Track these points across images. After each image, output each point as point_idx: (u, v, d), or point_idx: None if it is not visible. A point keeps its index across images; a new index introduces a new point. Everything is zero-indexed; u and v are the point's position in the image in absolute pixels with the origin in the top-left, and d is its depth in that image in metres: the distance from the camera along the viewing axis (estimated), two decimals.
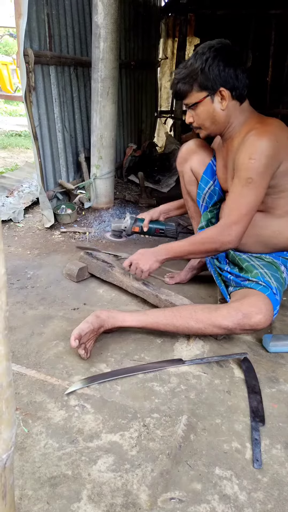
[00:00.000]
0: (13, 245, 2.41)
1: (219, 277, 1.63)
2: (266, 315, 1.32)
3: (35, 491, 0.94)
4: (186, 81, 1.41)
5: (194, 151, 1.72)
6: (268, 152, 1.31)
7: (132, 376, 1.31)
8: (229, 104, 1.40)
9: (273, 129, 1.34)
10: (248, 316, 1.31)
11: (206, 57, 1.35)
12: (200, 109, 1.43)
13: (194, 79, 1.39)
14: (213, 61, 1.34)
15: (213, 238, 1.42)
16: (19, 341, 1.47)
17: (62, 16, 2.82)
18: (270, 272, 1.45)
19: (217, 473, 1.01)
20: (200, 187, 1.70)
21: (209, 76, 1.36)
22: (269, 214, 1.49)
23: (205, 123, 1.46)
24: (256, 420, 1.16)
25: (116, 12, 2.56)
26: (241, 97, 1.41)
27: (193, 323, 1.38)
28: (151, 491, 0.95)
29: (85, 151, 3.18)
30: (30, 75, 2.44)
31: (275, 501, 0.94)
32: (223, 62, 1.34)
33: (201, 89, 1.39)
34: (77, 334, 1.33)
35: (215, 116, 1.43)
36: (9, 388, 0.53)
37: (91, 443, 1.07)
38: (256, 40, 4.65)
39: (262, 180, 1.34)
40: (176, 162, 1.81)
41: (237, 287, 1.50)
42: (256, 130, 1.34)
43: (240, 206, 1.37)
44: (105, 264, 1.88)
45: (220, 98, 1.39)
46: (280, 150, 1.33)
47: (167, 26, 4.98)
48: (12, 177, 3.72)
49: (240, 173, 1.36)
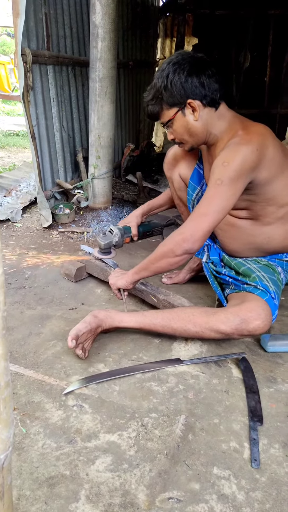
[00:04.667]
0: (11, 244, 2.41)
1: (215, 280, 1.62)
2: (265, 321, 1.30)
3: (33, 491, 0.93)
4: (154, 102, 1.39)
5: (181, 156, 1.68)
6: (244, 159, 1.27)
7: (130, 376, 1.31)
8: (202, 114, 1.35)
9: (256, 137, 1.30)
10: (247, 321, 1.30)
11: (166, 73, 1.32)
12: (176, 125, 1.40)
13: (160, 99, 1.36)
14: (174, 75, 1.30)
15: (170, 239, 1.36)
16: (17, 341, 1.47)
17: (60, 16, 2.82)
18: (267, 275, 1.44)
19: (215, 472, 1.01)
20: (189, 194, 1.68)
21: (173, 92, 1.32)
22: (258, 222, 1.48)
23: (184, 137, 1.42)
24: (254, 420, 1.16)
25: (114, 12, 2.56)
26: (214, 102, 1.35)
27: (191, 327, 1.37)
28: (149, 491, 0.95)
29: (83, 151, 3.18)
30: (28, 75, 2.44)
31: (273, 501, 0.94)
32: (183, 74, 1.30)
33: (170, 106, 1.36)
34: (74, 335, 1.32)
35: (190, 129, 1.38)
36: (7, 388, 0.52)
37: (89, 443, 1.07)
38: (254, 40, 4.66)
39: (231, 185, 1.28)
40: (164, 168, 1.77)
41: (235, 289, 1.49)
42: (238, 138, 1.30)
43: (204, 206, 1.31)
44: (103, 264, 1.88)
45: (191, 110, 1.35)
46: (261, 158, 1.29)
47: (165, 26, 4.98)
48: (10, 177, 3.72)
49: (211, 176, 1.32)
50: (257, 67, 4.66)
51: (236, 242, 1.54)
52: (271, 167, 1.34)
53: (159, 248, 1.40)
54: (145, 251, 2.36)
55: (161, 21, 4.89)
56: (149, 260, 1.43)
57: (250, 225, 1.49)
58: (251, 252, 1.55)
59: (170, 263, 1.38)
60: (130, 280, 1.52)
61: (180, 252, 1.34)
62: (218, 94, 1.34)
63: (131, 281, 1.52)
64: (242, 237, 1.52)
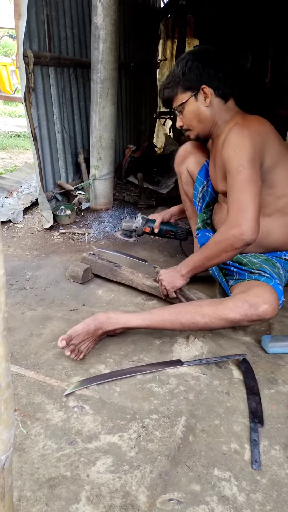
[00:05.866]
0: (12, 246, 2.41)
1: (220, 271, 1.64)
2: (273, 305, 1.30)
3: (34, 493, 0.93)
4: (170, 86, 1.49)
5: (190, 152, 1.75)
6: (252, 141, 1.33)
7: (131, 377, 1.31)
8: (212, 101, 1.45)
9: (254, 123, 1.38)
10: (255, 306, 1.29)
11: (185, 60, 1.44)
12: (186, 109, 1.49)
13: (177, 83, 1.47)
14: (193, 62, 1.43)
15: (225, 234, 1.36)
16: (18, 342, 1.47)
17: (62, 17, 2.82)
18: (269, 267, 1.46)
19: (216, 474, 1.00)
20: (195, 188, 1.73)
21: (190, 76, 1.44)
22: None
23: (192, 123, 1.51)
24: (255, 421, 1.16)
25: (115, 14, 2.57)
26: (225, 95, 1.46)
27: (199, 318, 1.36)
28: (150, 492, 0.95)
29: (84, 152, 3.19)
30: (30, 76, 2.44)
31: (274, 502, 0.94)
32: (202, 63, 1.43)
33: (185, 90, 1.47)
34: (66, 336, 1.33)
35: (200, 114, 1.48)
36: (8, 389, 0.53)
37: (90, 444, 1.07)
38: (255, 42, 4.66)
39: (253, 167, 1.32)
40: (174, 163, 1.84)
41: (239, 279, 1.50)
42: (237, 125, 1.39)
43: (239, 196, 1.32)
44: (112, 264, 1.89)
45: (203, 96, 1.45)
46: (264, 142, 1.36)
47: (166, 28, 4.99)
48: (11, 178, 3.72)
49: (229, 167, 1.35)
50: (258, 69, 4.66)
51: None
52: (273, 154, 1.39)
53: (214, 246, 1.41)
54: (144, 251, 2.36)
55: (162, 22, 4.90)
56: (205, 257, 1.45)
57: None
58: (251, 247, 1.55)
59: (229, 256, 1.41)
60: (186, 279, 1.56)
61: (241, 245, 1.34)
62: (230, 90, 1.46)
63: (186, 279, 1.56)
64: None
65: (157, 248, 2.44)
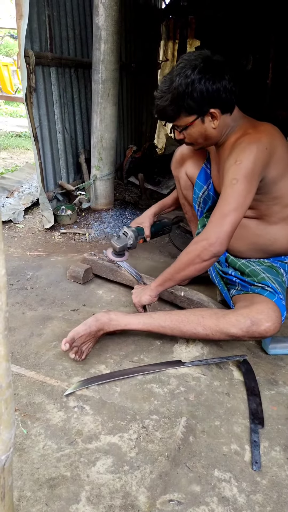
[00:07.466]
0: (13, 246, 2.41)
1: (221, 280, 1.62)
2: (275, 323, 1.29)
3: (34, 493, 0.93)
4: (172, 108, 1.33)
5: (188, 155, 1.70)
6: (256, 157, 1.28)
7: (131, 377, 1.31)
8: (220, 120, 1.35)
9: (266, 136, 1.31)
10: (257, 323, 1.28)
11: (191, 80, 1.26)
12: (192, 130, 1.38)
13: (180, 105, 1.31)
14: (200, 82, 1.26)
15: (195, 245, 1.34)
16: (18, 342, 1.47)
17: (63, 18, 2.83)
18: (272, 276, 1.44)
19: (216, 475, 1.00)
20: (195, 192, 1.69)
21: (197, 100, 1.29)
22: (264, 222, 1.48)
23: (198, 140, 1.43)
24: (255, 422, 1.16)
25: (117, 14, 2.57)
26: (231, 107, 1.36)
27: (201, 329, 1.35)
28: (150, 493, 0.95)
29: (85, 152, 3.19)
30: (31, 76, 2.45)
31: (274, 504, 0.94)
32: (209, 81, 1.27)
33: (190, 113, 1.33)
34: (69, 338, 1.33)
35: (207, 134, 1.39)
36: (9, 389, 0.53)
37: (90, 445, 1.07)
38: (257, 43, 4.66)
39: (247, 183, 1.29)
40: (171, 167, 1.80)
41: (242, 290, 1.49)
42: (248, 136, 1.32)
43: (223, 207, 1.31)
44: (112, 264, 1.89)
45: (210, 117, 1.34)
46: (271, 156, 1.31)
47: (167, 28, 4.99)
48: (12, 178, 3.73)
49: (226, 176, 1.32)
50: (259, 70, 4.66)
51: (240, 242, 1.54)
52: (279, 166, 1.36)
53: (182, 257, 1.38)
54: (148, 253, 2.36)
55: (163, 23, 4.91)
56: (174, 270, 1.42)
57: (255, 225, 1.49)
58: (254, 253, 1.55)
59: (197, 269, 1.36)
60: (154, 294, 1.52)
61: (208, 257, 1.32)
62: (234, 98, 1.34)
63: (155, 295, 1.52)
64: (247, 237, 1.51)
65: (157, 249, 2.44)
